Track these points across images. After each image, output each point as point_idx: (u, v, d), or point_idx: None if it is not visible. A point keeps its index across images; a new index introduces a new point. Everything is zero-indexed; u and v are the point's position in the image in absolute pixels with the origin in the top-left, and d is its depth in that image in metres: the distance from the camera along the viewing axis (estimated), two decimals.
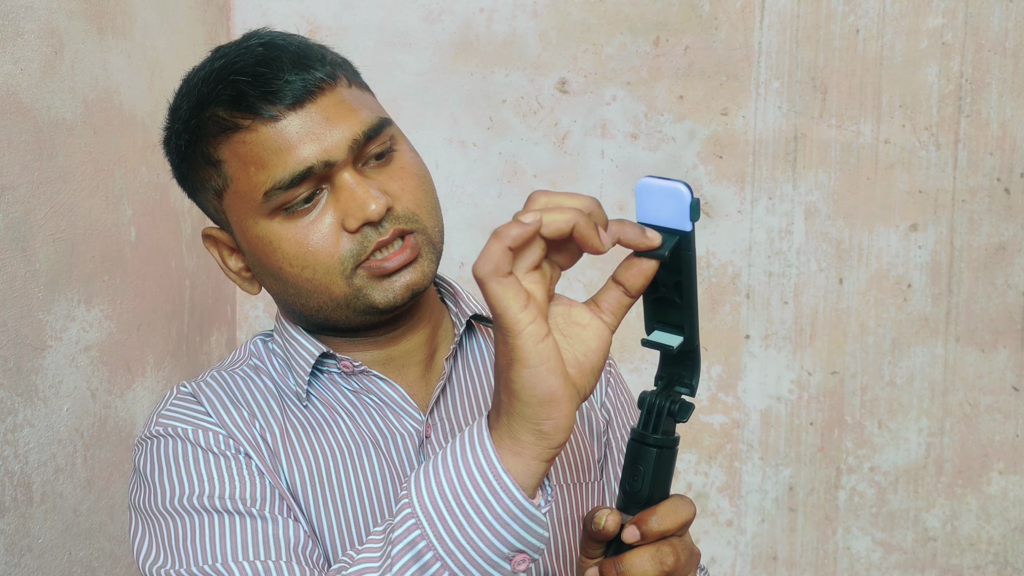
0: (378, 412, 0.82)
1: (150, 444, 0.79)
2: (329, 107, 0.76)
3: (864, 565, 1.73)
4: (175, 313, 1.37)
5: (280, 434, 0.79)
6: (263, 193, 0.75)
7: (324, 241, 0.76)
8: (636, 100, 1.65)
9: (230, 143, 0.76)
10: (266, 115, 0.74)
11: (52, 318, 1.04)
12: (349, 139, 0.75)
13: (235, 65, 0.76)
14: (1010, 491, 1.71)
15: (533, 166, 1.66)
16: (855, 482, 1.72)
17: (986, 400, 1.69)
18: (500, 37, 1.64)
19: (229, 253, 0.83)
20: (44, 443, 1.02)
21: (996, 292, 1.67)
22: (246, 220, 0.77)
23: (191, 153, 0.79)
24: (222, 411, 0.79)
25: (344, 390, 0.82)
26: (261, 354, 0.86)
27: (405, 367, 0.84)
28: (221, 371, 0.84)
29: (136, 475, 0.80)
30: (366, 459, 0.80)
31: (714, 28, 1.64)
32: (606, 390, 0.92)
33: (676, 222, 0.61)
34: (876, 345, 1.69)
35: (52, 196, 1.03)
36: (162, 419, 0.80)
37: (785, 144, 1.65)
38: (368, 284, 0.77)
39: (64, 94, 1.05)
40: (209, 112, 0.76)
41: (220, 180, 0.78)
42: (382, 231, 0.76)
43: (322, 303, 0.78)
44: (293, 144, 0.74)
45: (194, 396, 0.81)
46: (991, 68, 1.63)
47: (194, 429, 0.78)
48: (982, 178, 1.65)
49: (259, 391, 0.82)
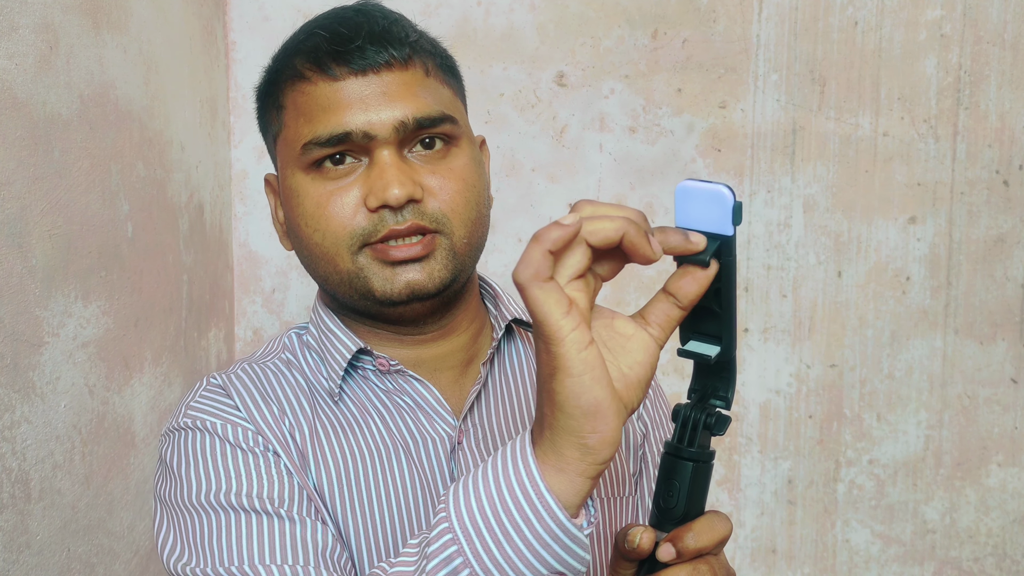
0: (410, 415, 0.80)
1: (177, 436, 0.78)
2: (391, 84, 0.75)
3: (863, 558, 1.74)
4: (173, 309, 1.37)
5: (310, 433, 0.78)
6: (302, 145, 0.76)
7: (341, 210, 0.75)
8: (634, 93, 1.65)
9: (293, 91, 0.78)
10: (328, 73, 0.75)
11: (49, 314, 1.03)
12: (398, 119, 0.75)
13: (324, 21, 0.78)
14: (1009, 483, 1.71)
15: (531, 160, 1.66)
16: (854, 475, 1.72)
17: (985, 392, 1.69)
18: (498, 30, 1.63)
19: (279, 203, 0.84)
20: (42, 439, 1.02)
21: (995, 284, 1.67)
22: (287, 168, 0.79)
23: (266, 94, 0.82)
24: (252, 406, 0.78)
25: (377, 390, 0.81)
26: (295, 348, 0.84)
27: (438, 370, 0.82)
28: (252, 364, 0.83)
29: (162, 467, 0.79)
30: (396, 464, 0.78)
31: (712, 21, 1.63)
32: (643, 402, 0.90)
33: (717, 226, 0.59)
34: (875, 338, 1.69)
35: (48, 192, 1.03)
36: (191, 411, 0.79)
37: (784, 137, 1.65)
38: (370, 266, 0.75)
39: (59, 89, 1.05)
40: (290, 60, 0.79)
41: (278, 124, 0.80)
42: (399, 220, 0.74)
43: (328, 273, 0.78)
44: (343, 106, 0.75)
45: (224, 389, 0.80)
46: (990, 60, 1.63)
47: (223, 424, 0.76)
48: (981, 170, 1.65)
49: (290, 387, 0.81)
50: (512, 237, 1.67)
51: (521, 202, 1.67)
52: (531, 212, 1.67)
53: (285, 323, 1.69)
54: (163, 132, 1.34)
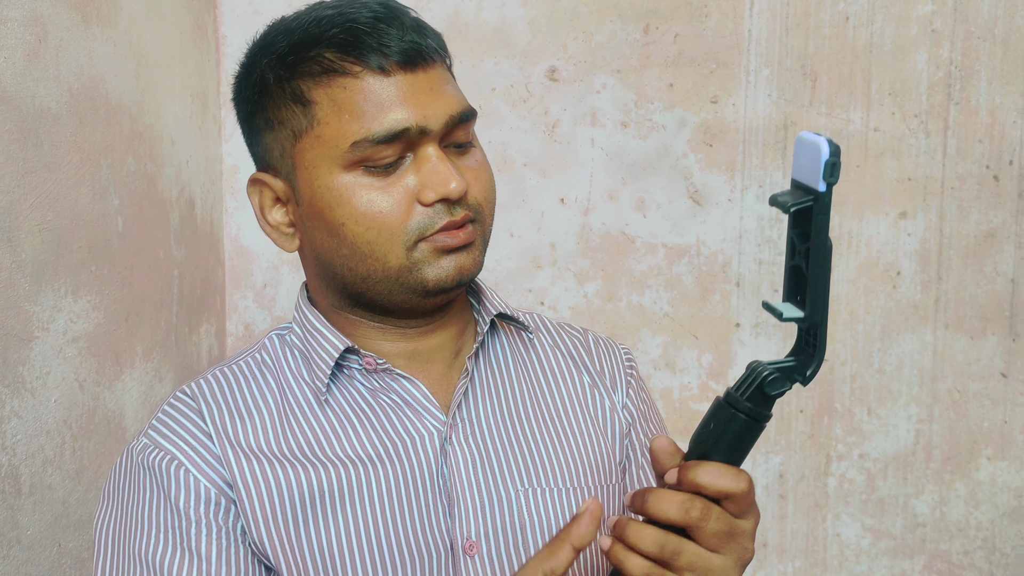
0: (396, 414, 0.80)
1: (128, 467, 0.78)
2: (435, 79, 0.76)
3: (854, 551, 1.74)
4: (164, 304, 1.37)
5: (278, 444, 0.78)
6: (352, 142, 0.74)
7: (396, 207, 0.75)
8: (626, 88, 1.65)
9: (329, 86, 0.74)
10: (376, 66, 0.74)
11: (39, 309, 1.03)
12: (448, 114, 0.75)
13: (352, 15, 0.75)
14: (998, 477, 1.72)
15: (523, 155, 1.66)
16: (845, 469, 1.73)
17: (975, 387, 1.70)
18: (489, 25, 1.63)
19: (273, 203, 0.80)
20: (32, 435, 1.02)
21: (985, 279, 1.68)
22: (319, 167, 0.75)
23: (279, 88, 0.77)
24: (223, 431, 0.78)
25: (362, 390, 0.80)
26: (276, 350, 0.83)
27: (429, 363, 0.83)
28: (224, 368, 0.83)
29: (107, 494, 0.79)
30: (382, 467, 0.78)
31: (704, 15, 1.63)
32: (627, 391, 0.91)
33: (813, 180, 0.59)
34: (866, 333, 1.70)
35: (37, 186, 1.02)
36: (153, 429, 0.79)
37: (775, 132, 1.65)
38: (426, 259, 0.76)
39: (49, 83, 1.04)
40: (314, 52, 0.75)
41: (304, 121, 0.76)
42: (455, 212, 0.75)
43: (371, 271, 0.76)
44: (396, 102, 0.73)
45: (194, 400, 0.80)
46: (980, 55, 1.63)
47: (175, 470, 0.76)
48: (971, 165, 1.66)
49: (261, 396, 0.80)
50: (504, 232, 1.67)
51: (513, 197, 1.67)
52: (523, 207, 1.67)
53: (277, 318, 1.69)
54: (153, 126, 1.33)
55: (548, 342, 0.90)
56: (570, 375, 0.89)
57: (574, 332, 0.93)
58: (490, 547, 0.78)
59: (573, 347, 0.91)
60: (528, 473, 0.81)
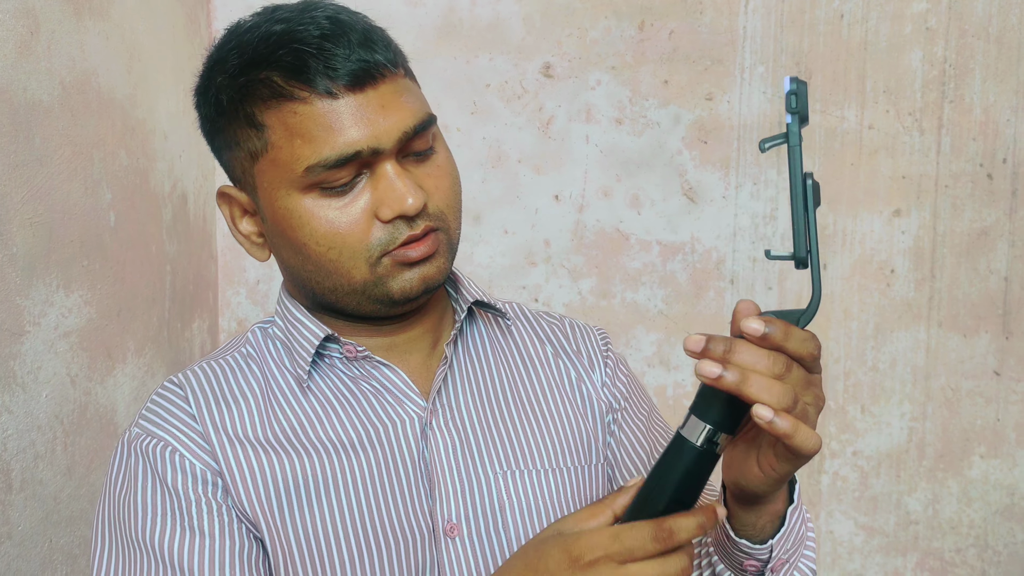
0: (377, 399, 0.81)
1: (124, 456, 0.79)
2: (386, 95, 0.75)
3: (847, 548, 1.75)
4: (156, 299, 1.36)
5: (263, 429, 0.79)
6: (305, 167, 0.74)
7: (355, 226, 0.75)
8: (621, 85, 1.65)
9: (279, 110, 0.74)
10: (324, 91, 0.73)
11: (30, 303, 1.02)
12: (400, 130, 0.75)
13: (299, 33, 0.74)
14: (991, 475, 1.72)
15: (517, 151, 1.66)
16: (838, 466, 1.73)
17: (968, 385, 1.71)
18: (484, 21, 1.63)
19: (242, 215, 0.82)
20: (23, 430, 1.01)
21: (978, 277, 1.68)
22: (277, 189, 0.76)
23: (233, 110, 0.77)
24: (207, 415, 0.79)
25: (343, 377, 0.82)
26: (259, 343, 0.85)
27: (408, 353, 0.84)
28: (210, 361, 0.84)
29: (106, 484, 0.80)
30: (364, 452, 0.79)
31: (699, 12, 1.63)
32: (605, 371, 0.92)
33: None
34: (859, 330, 1.70)
35: (29, 179, 1.01)
36: (143, 420, 0.80)
37: (770, 129, 1.65)
38: (389, 272, 0.77)
39: (40, 76, 1.04)
40: (263, 74, 0.75)
41: (259, 143, 0.76)
42: (414, 226, 0.76)
43: (338, 284, 0.78)
44: (346, 125, 0.73)
45: (181, 389, 0.81)
46: (975, 54, 1.63)
47: (166, 453, 0.77)
48: (965, 164, 1.66)
49: (245, 384, 0.82)
50: (498, 228, 1.67)
51: (507, 193, 1.66)
52: (517, 203, 1.67)
53: (270, 315, 1.68)
54: (146, 121, 1.33)
55: (526, 328, 0.92)
56: (548, 358, 0.90)
57: (552, 319, 0.95)
58: (471, 529, 0.80)
59: (551, 331, 0.93)
60: (507, 456, 0.83)
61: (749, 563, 0.76)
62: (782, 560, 0.76)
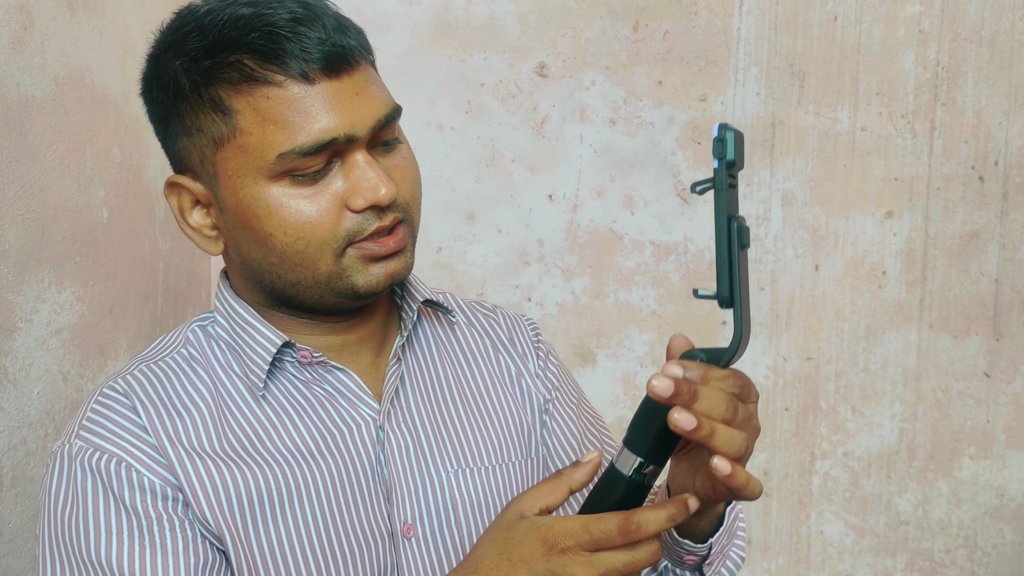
0: (331, 404, 0.80)
1: (64, 470, 0.74)
2: (360, 83, 0.74)
3: (837, 549, 1.75)
4: (148, 296, 1.36)
5: (219, 440, 0.77)
6: (278, 154, 0.72)
7: (325, 215, 0.73)
8: (615, 85, 1.65)
9: (251, 95, 0.72)
10: (300, 74, 0.71)
11: (22, 300, 1.02)
12: (374, 118, 0.74)
13: (270, 16, 0.72)
14: (980, 476, 1.73)
15: (512, 150, 1.66)
16: (829, 467, 1.74)
17: (958, 386, 1.71)
18: (479, 20, 1.63)
19: (193, 206, 0.78)
20: (14, 426, 1.01)
21: (969, 279, 1.69)
22: (243, 177, 0.73)
23: (196, 95, 0.74)
24: (160, 426, 0.76)
25: (296, 382, 0.80)
26: (200, 343, 0.82)
27: (359, 353, 0.83)
28: (152, 364, 0.80)
29: (47, 502, 0.75)
30: (321, 459, 0.78)
31: (693, 13, 1.63)
32: (538, 361, 0.93)
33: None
34: (851, 331, 1.71)
35: (21, 175, 1.01)
36: (85, 431, 0.75)
37: (763, 131, 1.66)
38: (354, 265, 0.75)
39: (34, 71, 1.03)
40: (233, 57, 0.72)
41: (225, 129, 0.73)
42: (383, 217, 0.75)
43: (301, 277, 0.76)
44: (322, 111, 0.72)
45: (127, 398, 0.77)
46: (967, 56, 1.64)
47: (121, 469, 0.74)
48: (957, 166, 1.67)
49: (195, 390, 0.79)
50: (491, 227, 1.67)
51: (501, 193, 1.66)
52: (510, 203, 1.67)
53: None
54: (140, 117, 1.32)
55: (467, 323, 0.92)
56: (489, 354, 0.91)
57: (486, 310, 0.95)
58: (425, 529, 0.81)
59: (489, 326, 0.93)
60: (458, 454, 0.84)
61: (688, 558, 0.80)
62: (718, 553, 0.81)
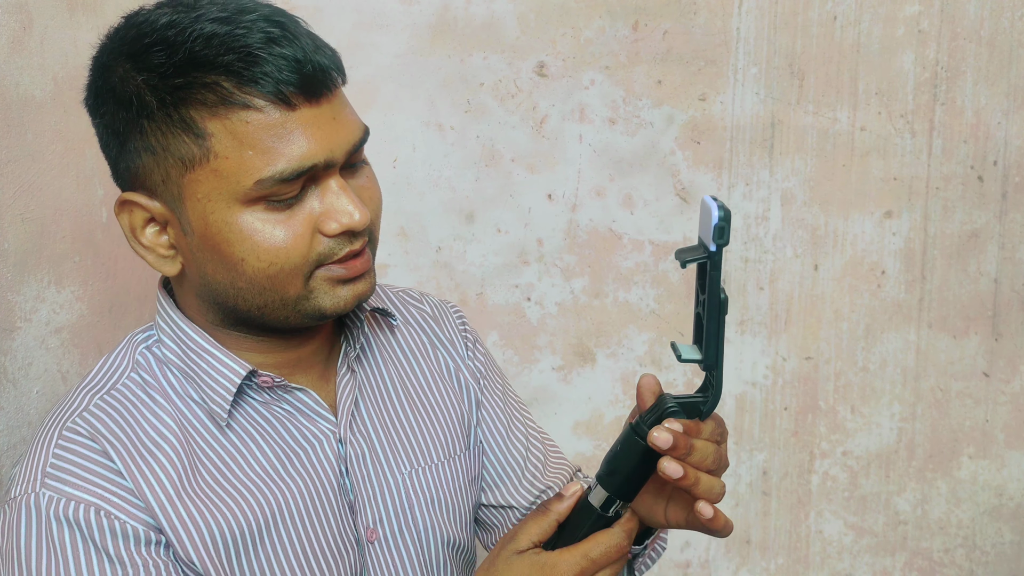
0: (292, 423, 0.81)
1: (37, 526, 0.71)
2: (337, 107, 0.73)
3: (836, 548, 1.75)
4: (147, 296, 1.36)
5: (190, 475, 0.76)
6: (255, 180, 0.70)
7: (298, 240, 0.73)
8: (614, 84, 1.65)
9: (228, 118, 0.69)
10: (279, 99, 0.69)
11: (21, 299, 1.02)
12: (350, 143, 0.74)
13: (246, 36, 0.69)
14: (979, 475, 1.74)
15: (511, 150, 1.66)
16: (828, 466, 1.74)
17: (957, 386, 1.72)
18: (478, 20, 1.63)
19: (144, 225, 0.76)
20: (13, 426, 1.01)
21: (968, 279, 1.69)
22: (215, 202, 0.71)
23: (163, 113, 0.70)
24: (134, 468, 0.74)
25: (255, 404, 0.80)
26: (151, 367, 0.80)
27: (311, 366, 0.84)
28: (106, 395, 0.78)
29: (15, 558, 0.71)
30: (289, 479, 0.80)
31: (693, 13, 1.64)
32: (466, 351, 0.96)
33: (708, 240, 0.66)
34: (850, 331, 1.71)
35: (20, 175, 1.01)
36: (50, 479, 0.72)
37: (762, 130, 1.66)
38: (321, 287, 0.75)
39: (33, 71, 1.03)
40: (209, 78, 0.69)
41: (198, 152, 0.70)
42: (354, 241, 0.75)
43: (269, 301, 0.75)
44: (302, 137, 0.70)
45: (95, 441, 0.74)
46: (966, 56, 1.64)
47: (102, 518, 0.72)
48: (956, 166, 1.67)
49: (158, 420, 0.77)
50: (491, 228, 1.67)
51: (500, 193, 1.66)
52: (510, 203, 1.67)
53: None
54: None
55: (404, 321, 0.94)
56: (428, 351, 0.93)
57: (415, 302, 0.96)
58: (386, 530, 0.84)
59: (422, 319, 0.95)
60: (410, 455, 0.87)
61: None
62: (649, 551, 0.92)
